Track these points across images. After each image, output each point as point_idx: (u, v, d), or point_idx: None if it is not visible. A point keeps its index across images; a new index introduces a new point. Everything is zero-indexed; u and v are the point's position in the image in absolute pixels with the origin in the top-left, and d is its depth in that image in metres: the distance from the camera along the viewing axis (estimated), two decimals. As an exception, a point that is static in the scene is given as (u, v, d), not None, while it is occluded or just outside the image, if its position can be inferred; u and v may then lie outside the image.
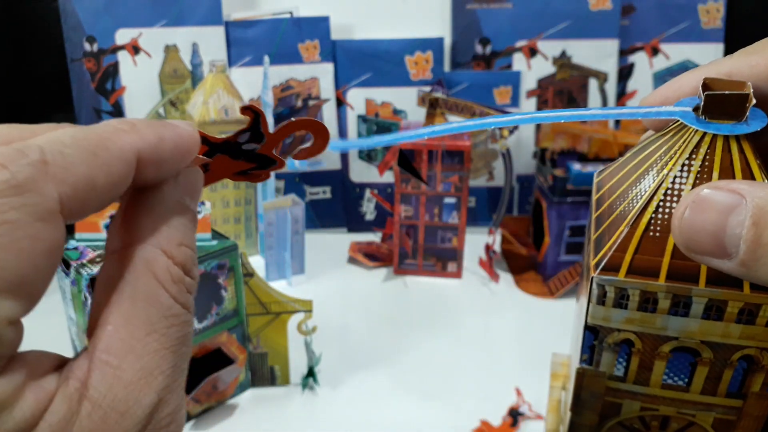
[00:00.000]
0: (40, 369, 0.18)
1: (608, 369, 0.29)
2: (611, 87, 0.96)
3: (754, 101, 0.24)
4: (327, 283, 0.83)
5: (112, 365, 0.19)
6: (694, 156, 0.25)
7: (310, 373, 0.63)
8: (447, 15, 0.96)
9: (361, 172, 0.97)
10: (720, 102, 0.24)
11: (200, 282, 0.55)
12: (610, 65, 0.95)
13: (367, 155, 0.97)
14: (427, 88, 0.83)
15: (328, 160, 0.96)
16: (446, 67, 0.96)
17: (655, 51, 0.96)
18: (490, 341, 0.72)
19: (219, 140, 0.24)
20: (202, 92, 0.83)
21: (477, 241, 0.87)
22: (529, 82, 0.95)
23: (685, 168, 0.25)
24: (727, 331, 0.26)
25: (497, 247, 0.90)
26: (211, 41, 0.91)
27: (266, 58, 0.82)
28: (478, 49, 0.95)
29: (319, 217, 0.98)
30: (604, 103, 0.96)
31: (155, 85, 0.92)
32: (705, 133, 0.24)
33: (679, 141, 0.25)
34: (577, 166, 0.78)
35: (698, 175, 0.25)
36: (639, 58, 0.97)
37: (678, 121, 0.26)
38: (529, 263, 0.86)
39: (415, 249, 0.85)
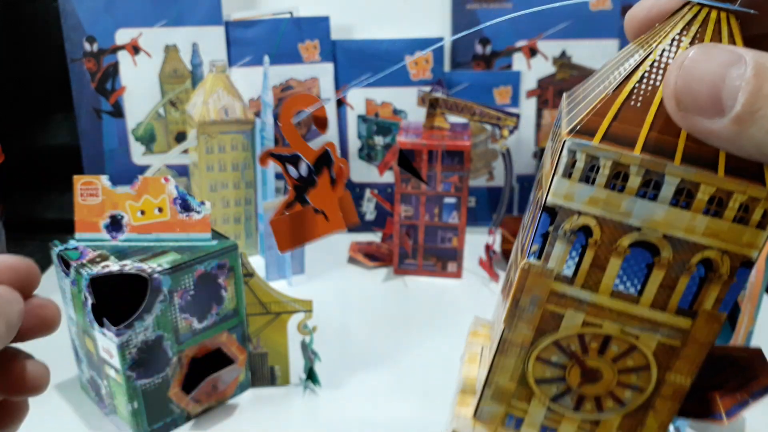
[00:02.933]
0: None
1: (558, 266, 0.28)
2: (611, 87, 0.96)
3: None
4: (327, 283, 0.83)
5: None
6: (685, 32, 0.25)
7: (310, 376, 0.63)
8: (447, 15, 0.96)
9: (361, 172, 0.97)
10: None
11: (200, 282, 0.55)
12: (610, 65, 0.95)
13: (367, 155, 0.97)
14: (427, 88, 0.83)
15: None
16: (446, 67, 0.96)
17: (655, 51, 0.96)
18: (490, 341, 0.72)
19: (294, 181, 0.26)
20: (202, 92, 0.83)
21: (477, 241, 0.87)
22: (529, 82, 0.96)
23: (675, 42, 0.25)
24: (692, 225, 0.26)
25: (497, 247, 0.90)
26: (211, 41, 0.91)
27: (266, 58, 0.81)
28: (478, 49, 0.95)
29: (319, 217, 0.98)
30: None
31: (155, 85, 0.92)
32: (698, 12, 0.25)
33: (671, 22, 0.26)
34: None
35: None
36: (639, 58, 0.96)
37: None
38: (529, 263, 0.86)
39: (415, 249, 0.85)
